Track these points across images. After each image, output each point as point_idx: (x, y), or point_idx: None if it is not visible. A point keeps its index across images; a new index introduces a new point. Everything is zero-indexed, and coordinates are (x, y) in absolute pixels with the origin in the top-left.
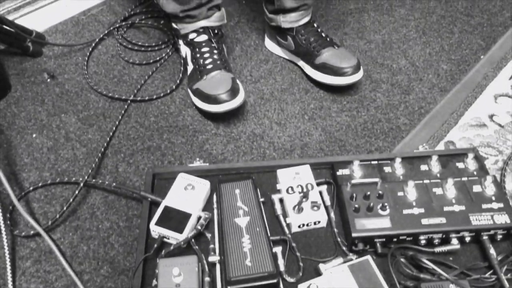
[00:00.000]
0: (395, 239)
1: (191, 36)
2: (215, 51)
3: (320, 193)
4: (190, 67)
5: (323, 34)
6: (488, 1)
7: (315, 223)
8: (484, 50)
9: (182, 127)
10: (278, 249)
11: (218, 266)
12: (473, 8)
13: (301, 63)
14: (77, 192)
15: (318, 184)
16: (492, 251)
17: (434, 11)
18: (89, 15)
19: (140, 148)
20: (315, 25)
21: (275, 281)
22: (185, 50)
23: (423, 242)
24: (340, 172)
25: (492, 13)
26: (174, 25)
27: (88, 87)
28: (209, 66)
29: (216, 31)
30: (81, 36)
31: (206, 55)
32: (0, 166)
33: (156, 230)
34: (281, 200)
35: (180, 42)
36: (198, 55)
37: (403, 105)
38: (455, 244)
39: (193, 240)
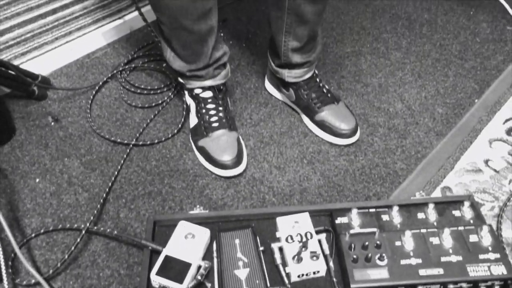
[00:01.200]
0: None
1: (197, 91)
2: (220, 108)
3: (319, 241)
4: (193, 119)
5: (325, 90)
6: (480, 44)
7: (314, 273)
8: (478, 93)
9: (182, 171)
10: None
11: None
12: (466, 51)
13: (300, 113)
14: (78, 239)
15: (317, 232)
16: None
17: (429, 54)
18: (93, 58)
19: (142, 193)
20: (318, 79)
21: None
22: (189, 101)
23: None
24: (338, 220)
25: (485, 57)
26: (180, 79)
27: (91, 130)
28: (215, 124)
29: (221, 87)
30: (85, 79)
31: (212, 112)
32: (3, 212)
33: (156, 280)
34: (280, 249)
35: (185, 92)
36: (203, 111)
37: (400, 149)
38: None
39: None
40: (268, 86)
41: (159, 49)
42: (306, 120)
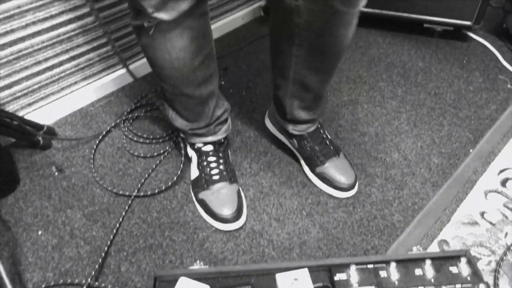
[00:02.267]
0: None
1: (198, 145)
2: (221, 161)
3: None
4: (195, 171)
5: (328, 142)
6: (474, 93)
7: None
8: (473, 143)
9: (183, 223)
10: None
11: None
12: (460, 100)
13: (301, 161)
14: None
15: None
16: None
17: (424, 103)
18: (97, 106)
19: (143, 246)
20: (321, 131)
21: None
22: (191, 153)
23: None
24: (337, 277)
25: (479, 106)
26: (181, 134)
27: (94, 180)
28: (215, 177)
29: (222, 141)
30: (89, 128)
31: (213, 164)
32: (5, 266)
33: None
34: None
35: (187, 144)
36: (204, 163)
37: (397, 200)
38: None
39: None
40: (269, 124)
41: (161, 97)
42: (306, 169)
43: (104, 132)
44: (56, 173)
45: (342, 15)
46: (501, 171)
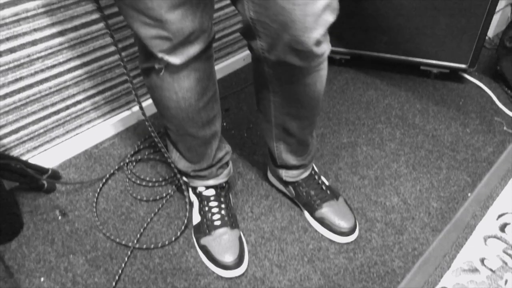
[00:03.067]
0: None
1: (200, 189)
2: (223, 205)
3: None
4: (196, 217)
5: (324, 187)
6: (471, 136)
7: None
8: (471, 187)
9: (185, 269)
10: None
11: None
12: (458, 142)
13: (301, 207)
14: None
15: None
16: None
17: (422, 145)
18: (102, 148)
19: None
20: (316, 177)
21: None
22: (193, 198)
23: None
24: None
25: (476, 148)
26: (184, 178)
27: (97, 225)
28: (217, 223)
29: (223, 185)
30: (93, 170)
31: (214, 209)
32: None
33: None
34: None
35: (189, 189)
36: (206, 209)
37: (397, 246)
38: None
39: None
40: (271, 177)
41: (163, 140)
42: (306, 214)
43: (107, 175)
44: (60, 217)
45: (304, 68)
46: (500, 216)
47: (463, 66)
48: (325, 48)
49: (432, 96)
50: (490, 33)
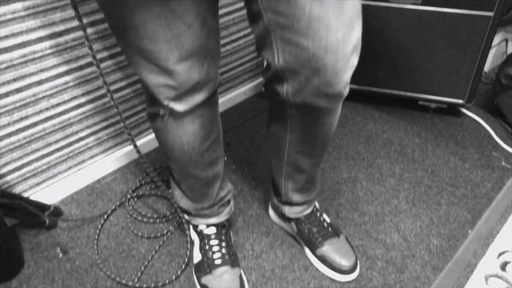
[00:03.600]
0: None
1: (201, 227)
2: (223, 244)
3: None
4: (197, 255)
5: (325, 224)
6: (470, 171)
7: None
8: (471, 223)
9: None
10: None
11: None
12: (456, 178)
13: (302, 245)
14: None
15: None
16: None
17: (422, 181)
18: (103, 183)
19: None
20: (318, 214)
21: None
22: (194, 236)
23: None
24: None
25: (475, 184)
26: (185, 216)
27: (97, 263)
28: (217, 261)
29: (224, 223)
30: (95, 206)
31: (215, 248)
32: None
33: None
34: None
35: (190, 227)
36: (207, 247)
37: (398, 285)
38: None
39: None
40: (272, 214)
41: (165, 174)
42: (307, 252)
43: (109, 211)
44: (61, 255)
45: (328, 109)
46: (500, 254)
47: (460, 101)
48: (348, 89)
49: (431, 130)
50: (486, 67)
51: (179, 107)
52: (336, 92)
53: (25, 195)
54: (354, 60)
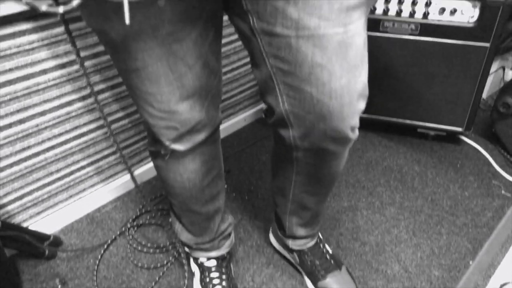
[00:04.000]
0: None
1: (201, 260)
2: (224, 276)
3: None
4: (198, 287)
5: (328, 256)
6: (470, 200)
7: None
8: (472, 254)
9: None
10: None
11: None
12: (457, 207)
13: (304, 275)
14: None
15: None
16: None
17: (422, 209)
18: (104, 212)
19: None
20: (321, 245)
21: None
22: (194, 268)
23: None
24: None
25: (475, 213)
26: (186, 248)
27: None
28: None
29: (225, 255)
30: (95, 235)
31: (215, 281)
32: None
33: None
34: None
35: (190, 258)
36: (207, 280)
37: None
38: None
39: None
40: (274, 242)
41: (166, 203)
42: (309, 284)
43: (109, 241)
44: (59, 286)
45: (336, 152)
46: (502, 286)
47: (459, 129)
48: (357, 132)
49: (430, 158)
50: (484, 94)
51: (180, 147)
52: (343, 136)
53: (25, 224)
54: (361, 105)
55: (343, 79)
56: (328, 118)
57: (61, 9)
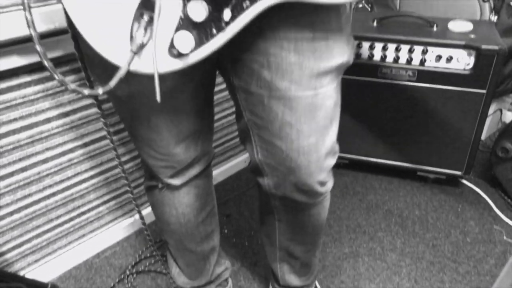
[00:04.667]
0: None
1: None
2: None
3: None
4: None
5: None
6: (471, 245)
7: None
8: None
9: None
10: None
11: None
12: (458, 253)
13: None
14: None
15: None
16: None
17: (423, 256)
18: (103, 257)
19: None
20: None
21: None
22: None
23: None
24: None
25: (477, 260)
26: None
27: None
28: None
29: None
30: (93, 283)
31: None
32: None
33: None
34: None
35: None
36: None
37: None
38: None
39: None
40: None
41: (164, 249)
42: None
43: None
44: None
45: (309, 203)
46: None
47: (458, 173)
48: (329, 186)
49: (430, 201)
50: (483, 136)
51: (176, 181)
52: (311, 189)
53: (22, 272)
54: (330, 162)
55: (311, 138)
56: (297, 172)
57: (100, 91)
